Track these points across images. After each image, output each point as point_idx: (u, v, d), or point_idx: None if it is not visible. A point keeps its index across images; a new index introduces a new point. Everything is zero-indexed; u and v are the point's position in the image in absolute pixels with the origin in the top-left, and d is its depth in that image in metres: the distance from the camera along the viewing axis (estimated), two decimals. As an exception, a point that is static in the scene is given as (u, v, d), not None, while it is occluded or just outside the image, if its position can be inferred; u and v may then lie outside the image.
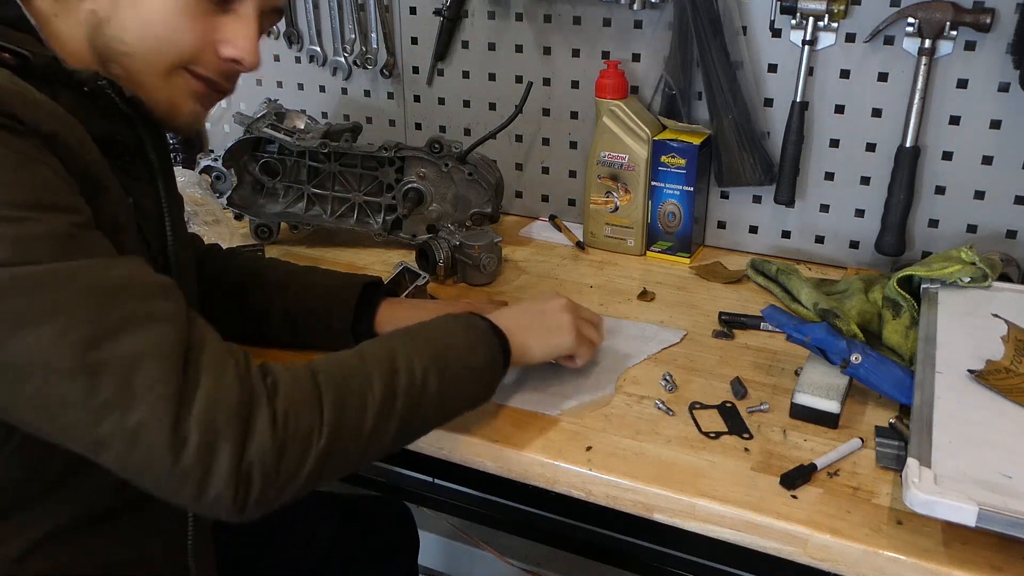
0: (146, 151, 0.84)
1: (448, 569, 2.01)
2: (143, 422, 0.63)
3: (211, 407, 0.64)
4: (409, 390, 0.77)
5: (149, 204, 0.84)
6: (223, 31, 0.80)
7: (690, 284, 1.32)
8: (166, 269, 0.86)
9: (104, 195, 0.73)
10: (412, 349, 0.80)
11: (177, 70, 0.79)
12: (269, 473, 0.66)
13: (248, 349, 0.73)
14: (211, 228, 1.36)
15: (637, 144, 1.37)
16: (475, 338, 0.87)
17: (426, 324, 0.87)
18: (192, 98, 0.82)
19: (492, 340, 0.88)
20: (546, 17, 1.45)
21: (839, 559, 0.79)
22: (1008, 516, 0.71)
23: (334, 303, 1.07)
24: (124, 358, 0.63)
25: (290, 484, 0.68)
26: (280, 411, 0.68)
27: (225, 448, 0.64)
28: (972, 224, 1.28)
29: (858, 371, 0.95)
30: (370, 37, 1.59)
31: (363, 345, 0.81)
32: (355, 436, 0.73)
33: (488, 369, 0.88)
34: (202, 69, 0.80)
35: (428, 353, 0.81)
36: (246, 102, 1.76)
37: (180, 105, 0.81)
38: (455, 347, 0.84)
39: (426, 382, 0.79)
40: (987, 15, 1.15)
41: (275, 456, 0.66)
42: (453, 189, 1.42)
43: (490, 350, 0.88)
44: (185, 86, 0.81)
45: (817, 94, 1.31)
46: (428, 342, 0.83)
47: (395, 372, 0.77)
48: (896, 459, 0.87)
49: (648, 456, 0.90)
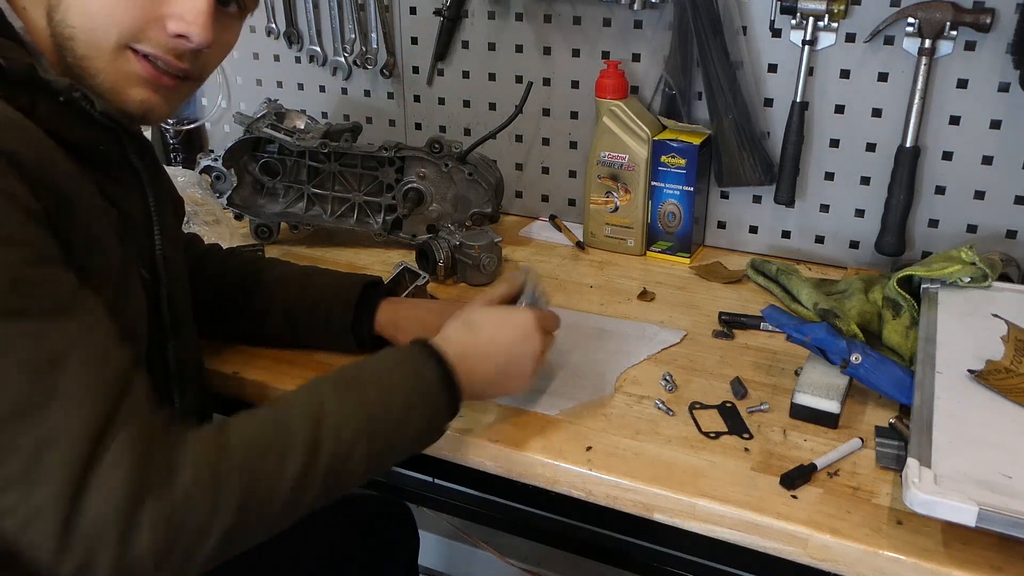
0: (130, 158, 0.82)
1: (448, 569, 2.01)
2: (40, 508, 0.61)
3: (103, 502, 0.62)
4: (332, 461, 0.73)
5: (137, 211, 0.83)
6: (170, 4, 0.76)
7: (690, 284, 1.32)
8: (154, 276, 0.85)
9: (75, 210, 0.71)
10: (343, 412, 0.76)
11: (122, 51, 0.76)
12: (153, 567, 0.64)
13: (182, 425, 0.70)
14: (211, 228, 1.36)
15: (637, 144, 1.37)
16: (418, 397, 0.81)
17: (367, 376, 0.81)
18: (140, 84, 0.78)
19: (438, 398, 0.83)
20: (546, 17, 1.45)
21: (839, 559, 0.79)
22: (1008, 516, 0.71)
23: (334, 303, 1.07)
24: (39, 438, 0.62)
25: (186, 566, 0.66)
26: (173, 505, 0.64)
27: (108, 548, 0.62)
28: (972, 224, 1.28)
29: (858, 371, 0.95)
30: (370, 37, 1.59)
31: (293, 401, 0.76)
32: (265, 512, 0.70)
33: (427, 430, 0.83)
34: (147, 46, 0.76)
35: (360, 417, 0.76)
36: (246, 102, 1.76)
37: (129, 92, 0.78)
38: (393, 409, 0.79)
39: (353, 451, 0.75)
40: (987, 15, 1.15)
41: (158, 555, 0.64)
42: (453, 189, 1.42)
43: (433, 409, 0.82)
44: (131, 70, 0.77)
45: (817, 94, 1.31)
46: (362, 404, 0.77)
47: (318, 443, 0.73)
48: (896, 459, 0.87)
49: (648, 456, 0.90)
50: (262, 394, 1.05)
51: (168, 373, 0.88)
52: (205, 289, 1.09)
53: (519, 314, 0.91)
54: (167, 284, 0.87)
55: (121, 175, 0.81)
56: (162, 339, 0.87)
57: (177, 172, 1.44)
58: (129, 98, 0.78)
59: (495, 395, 0.93)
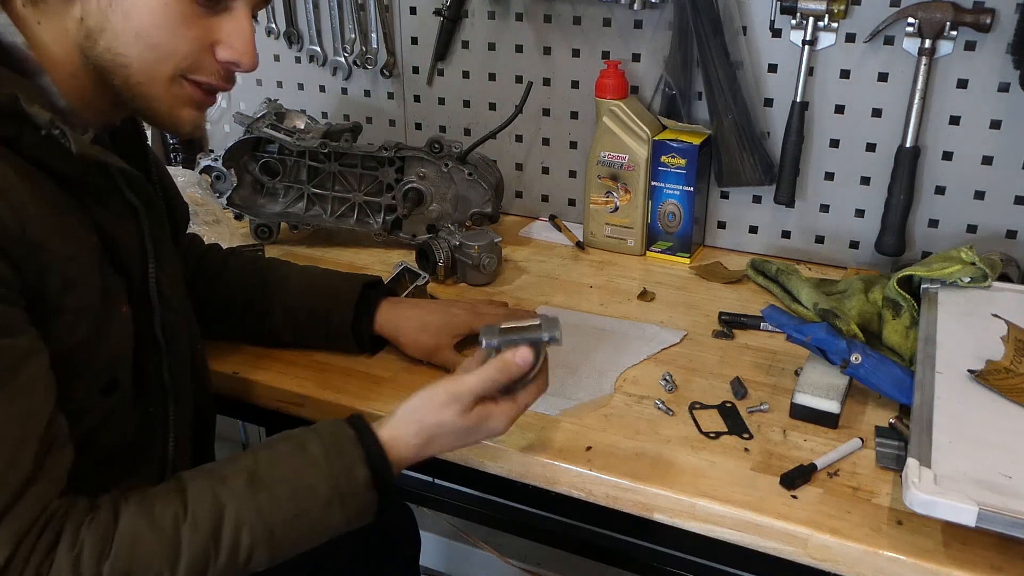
0: (123, 193, 0.80)
1: (448, 569, 2.01)
2: None
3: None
4: (226, 569, 0.72)
5: (130, 239, 0.81)
6: (218, 33, 0.78)
7: (690, 284, 1.32)
8: (145, 301, 0.83)
9: (50, 254, 0.70)
10: (248, 512, 0.73)
11: (177, 79, 0.77)
12: None
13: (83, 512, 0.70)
14: (211, 228, 1.36)
15: (637, 144, 1.37)
16: (338, 497, 0.77)
17: (285, 470, 0.77)
18: (191, 105, 0.80)
19: (365, 498, 0.79)
20: (546, 17, 1.45)
21: (839, 559, 0.79)
22: (1008, 516, 0.71)
23: (334, 303, 1.07)
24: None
25: None
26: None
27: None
28: (972, 224, 1.28)
29: (858, 371, 0.95)
30: (370, 37, 1.59)
31: (193, 496, 0.73)
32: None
33: (348, 523, 0.79)
34: (202, 76, 0.78)
35: (267, 521, 0.74)
36: (246, 102, 1.76)
37: (181, 113, 0.80)
38: (307, 511, 0.76)
39: (251, 557, 0.73)
40: (987, 15, 1.15)
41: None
42: (453, 189, 1.42)
43: (355, 508, 0.79)
44: (184, 94, 0.79)
45: (817, 94, 1.31)
46: (273, 507, 0.75)
47: (209, 554, 0.71)
48: (896, 459, 0.87)
49: (648, 456, 0.90)
50: (262, 394, 1.05)
51: (164, 389, 0.87)
52: (205, 290, 1.09)
53: (479, 412, 0.82)
54: (161, 313, 0.84)
55: (113, 204, 0.80)
56: (156, 360, 0.85)
57: (177, 172, 1.44)
58: (182, 119, 0.80)
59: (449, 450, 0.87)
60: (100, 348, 0.76)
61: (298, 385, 1.04)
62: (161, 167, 0.97)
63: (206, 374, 1.01)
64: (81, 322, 0.73)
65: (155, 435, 0.87)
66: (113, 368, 0.79)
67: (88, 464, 0.75)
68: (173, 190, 0.99)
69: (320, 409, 1.01)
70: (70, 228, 0.73)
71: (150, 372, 0.85)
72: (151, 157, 0.92)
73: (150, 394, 0.85)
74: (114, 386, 0.79)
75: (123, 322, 0.79)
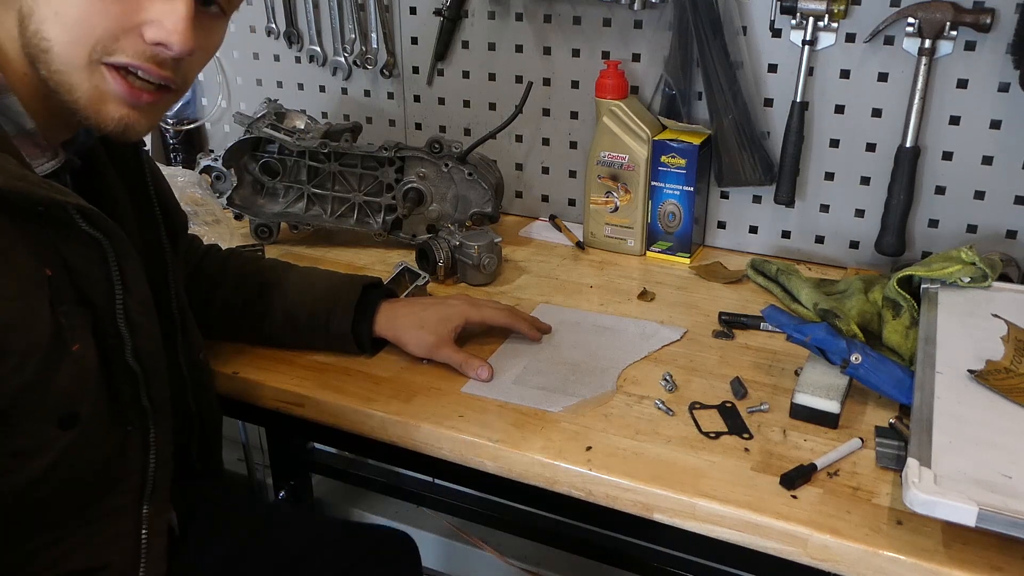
0: (77, 222, 0.74)
1: (448, 569, 2.01)
2: None
3: None
4: None
5: (95, 273, 0.76)
6: (148, 11, 0.72)
7: (690, 284, 1.32)
8: (114, 332, 0.79)
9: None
10: None
11: (95, 67, 0.72)
12: None
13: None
14: (211, 228, 1.37)
15: (637, 144, 1.37)
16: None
17: None
18: (117, 101, 0.74)
19: None
20: (546, 17, 1.45)
21: (839, 559, 0.79)
22: (1008, 516, 0.71)
23: (334, 304, 1.07)
24: None
25: None
26: None
27: None
28: (972, 224, 1.28)
29: (858, 371, 0.95)
30: (370, 37, 1.59)
31: None
32: None
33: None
34: (123, 57, 0.72)
35: None
36: (246, 102, 1.76)
37: (105, 108, 0.74)
38: None
39: None
40: (987, 15, 1.15)
41: None
42: (453, 189, 1.42)
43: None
44: (106, 88, 0.73)
45: (817, 94, 1.31)
46: None
47: None
48: (896, 459, 0.87)
49: (648, 456, 0.90)
50: (262, 394, 1.05)
51: (143, 411, 0.84)
52: (205, 290, 1.09)
53: None
54: (131, 341, 0.80)
55: (75, 233, 0.74)
56: (133, 385, 0.82)
57: (177, 172, 1.44)
58: (107, 115, 0.74)
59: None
60: (50, 386, 0.72)
61: (298, 385, 1.04)
62: (157, 173, 0.95)
63: (212, 391, 1.00)
64: (28, 363, 0.69)
65: (135, 452, 0.84)
66: (70, 403, 0.74)
67: (56, 488, 0.74)
68: (169, 195, 0.97)
69: (320, 409, 1.02)
70: (13, 265, 0.69)
71: (126, 397, 0.81)
72: (146, 165, 0.90)
73: (128, 416, 0.82)
74: (73, 420, 0.75)
75: (74, 361, 0.74)
